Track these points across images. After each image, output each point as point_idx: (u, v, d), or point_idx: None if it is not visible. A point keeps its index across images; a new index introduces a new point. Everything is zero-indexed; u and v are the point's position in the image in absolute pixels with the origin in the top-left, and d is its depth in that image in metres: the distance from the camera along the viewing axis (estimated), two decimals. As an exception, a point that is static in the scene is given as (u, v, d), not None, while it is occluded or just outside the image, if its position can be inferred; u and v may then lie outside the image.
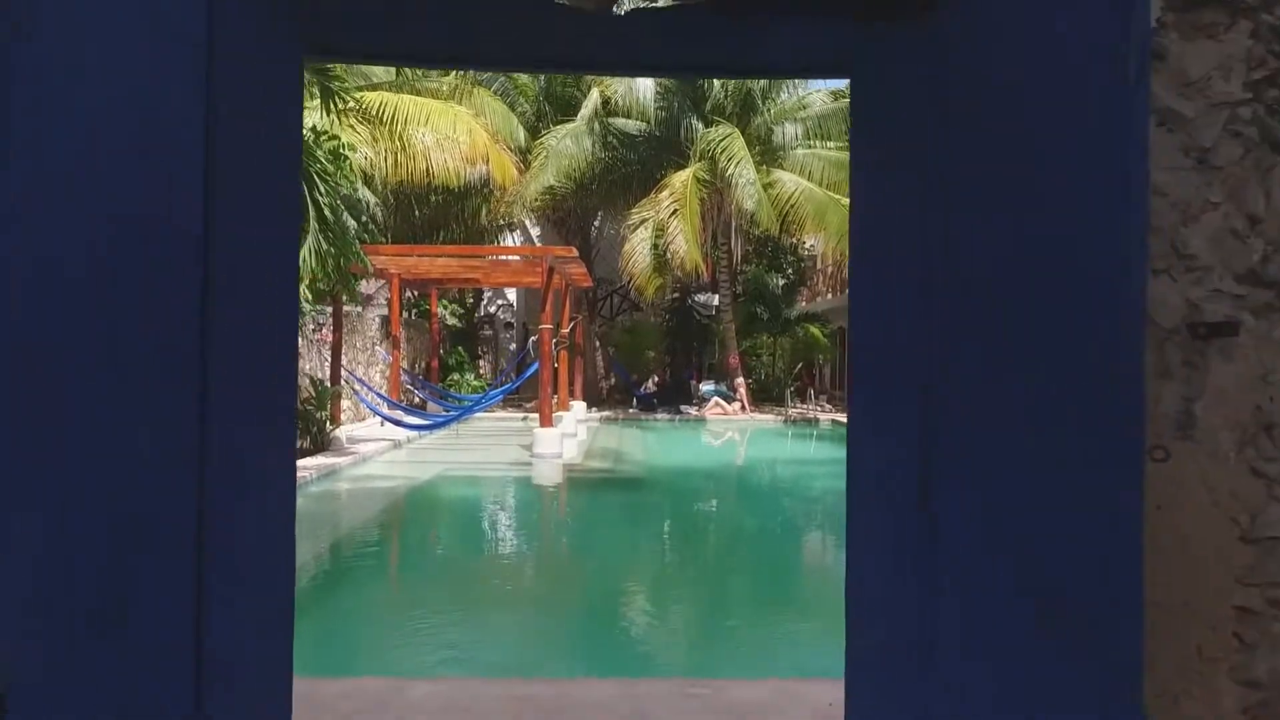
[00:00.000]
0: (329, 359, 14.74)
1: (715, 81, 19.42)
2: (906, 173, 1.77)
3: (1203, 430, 1.78)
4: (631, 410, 21.08)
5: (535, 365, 15.27)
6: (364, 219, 12.19)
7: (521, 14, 1.87)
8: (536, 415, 15.01)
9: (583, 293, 20.44)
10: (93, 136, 1.30)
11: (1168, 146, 1.79)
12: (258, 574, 1.64)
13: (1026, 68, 1.52)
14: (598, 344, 23.65)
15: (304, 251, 9.02)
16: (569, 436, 14.78)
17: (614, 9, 1.94)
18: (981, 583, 1.46)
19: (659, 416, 20.18)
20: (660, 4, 1.92)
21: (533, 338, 16.13)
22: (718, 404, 20.42)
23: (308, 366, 13.98)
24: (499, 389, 17.59)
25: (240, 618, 1.55)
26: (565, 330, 16.61)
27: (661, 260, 18.79)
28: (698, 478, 13.37)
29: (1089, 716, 1.32)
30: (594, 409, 20.48)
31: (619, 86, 19.61)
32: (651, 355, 23.65)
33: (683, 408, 20.73)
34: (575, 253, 15.08)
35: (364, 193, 14.05)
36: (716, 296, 22.11)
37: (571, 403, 17.36)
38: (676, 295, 22.95)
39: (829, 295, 24.48)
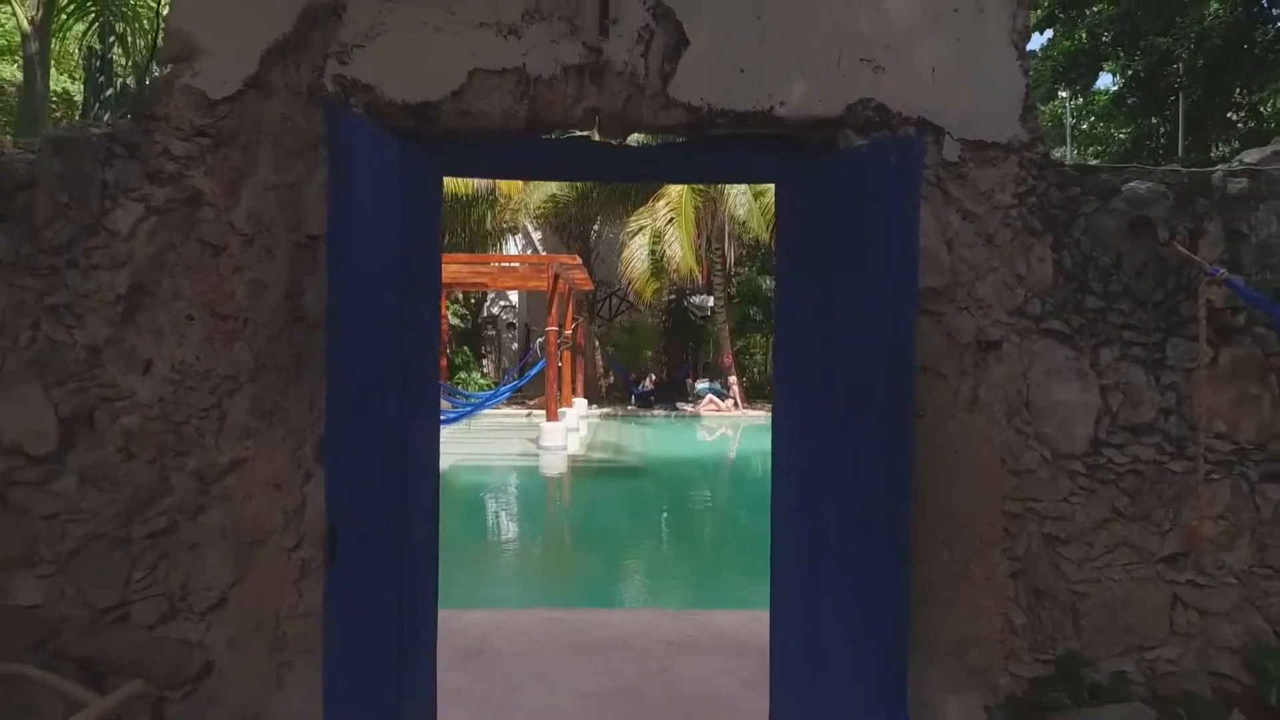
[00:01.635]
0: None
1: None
2: (811, 243, 2.91)
3: (984, 405, 2.93)
4: (630, 407, 22.07)
5: (541, 363, 16.35)
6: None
7: (574, 147, 3.02)
8: (540, 411, 16.04)
9: (582, 295, 21.50)
10: (363, 238, 2.42)
11: (967, 232, 2.94)
12: (423, 511, 2.77)
13: (865, 187, 2.65)
14: (597, 344, 24.69)
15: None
16: (572, 431, 15.88)
17: (625, 143, 3.10)
18: (837, 484, 2.61)
19: (656, 413, 21.20)
20: (655, 143, 3.08)
21: (539, 339, 17.20)
22: (712, 401, 21.48)
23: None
24: (507, 386, 18.63)
25: (418, 523, 2.69)
26: (568, 331, 17.70)
27: (658, 265, 19.88)
28: (691, 467, 14.51)
29: (883, 552, 2.45)
30: (594, 406, 21.50)
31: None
32: (649, 355, 24.67)
33: (679, 405, 21.75)
34: (579, 260, 16.18)
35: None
36: (711, 298, 23.12)
37: (573, 400, 18.46)
38: (673, 297, 23.93)
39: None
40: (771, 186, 16.17)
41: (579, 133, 2.99)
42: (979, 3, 2.92)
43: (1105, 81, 15.14)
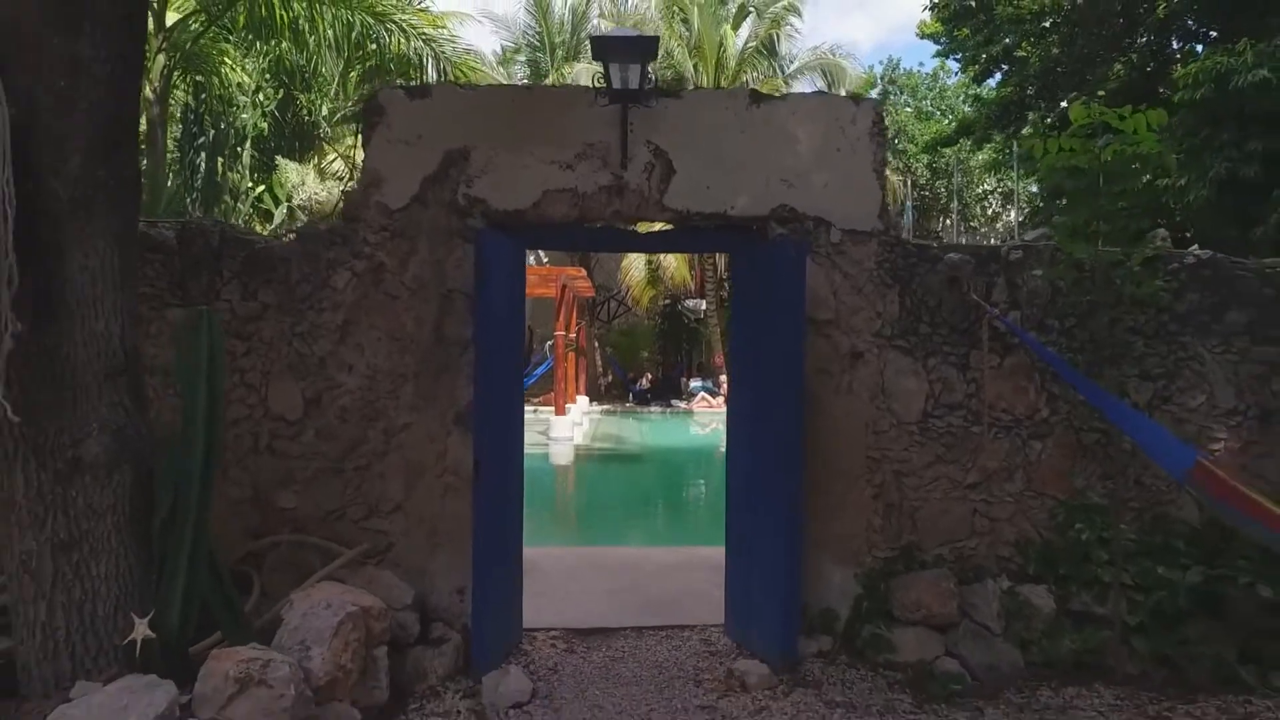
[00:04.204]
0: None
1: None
2: (753, 294, 4.75)
3: (855, 392, 4.78)
4: (628, 404, 23.85)
5: (548, 363, 18.17)
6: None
7: (606, 232, 4.86)
8: (544, 408, 17.88)
9: (584, 299, 23.29)
10: (498, 301, 4.26)
11: (846, 285, 4.79)
12: (517, 459, 4.61)
13: (778, 257, 4.49)
14: (597, 345, 26.48)
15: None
16: (577, 425, 17.74)
17: (636, 230, 4.92)
18: (758, 438, 4.46)
19: (652, 409, 22.99)
20: (658, 228, 4.93)
21: (548, 342, 18.96)
22: (704, 398, 23.29)
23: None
24: (517, 384, 20.42)
25: (515, 465, 4.54)
26: (572, 335, 19.52)
27: (654, 274, 21.76)
28: (684, 455, 16.39)
29: (787, 475, 4.30)
30: (594, 403, 23.29)
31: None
32: (645, 355, 26.43)
33: (673, 401, 23.55)
34: (584, 272, 18.03)
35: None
36: (703, 303, 24.88)
37: (576, 397, 20.29)
38: (668, 302, 25.72)
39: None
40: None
41: (608, 223, 4.84)
42: (853, 147, 4.77)
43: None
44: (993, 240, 25.59)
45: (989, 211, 27.90)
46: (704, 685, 4.26)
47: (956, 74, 20.34)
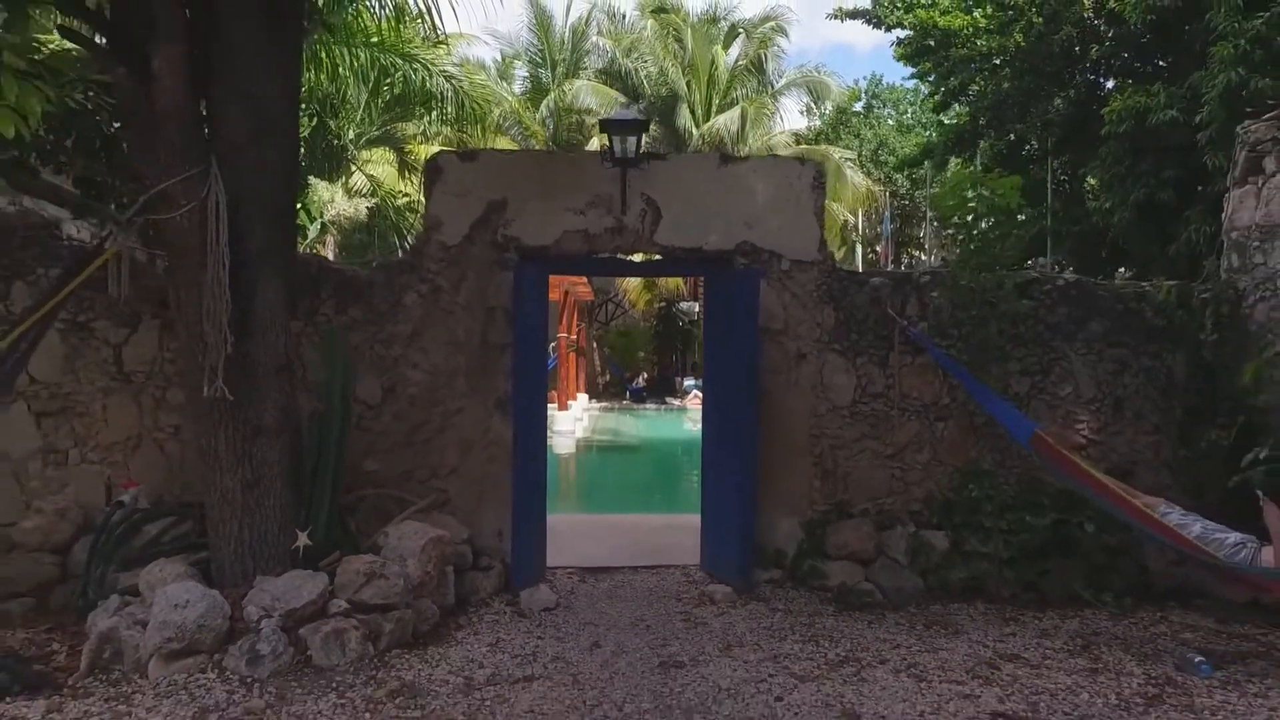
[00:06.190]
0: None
1: (695, 129, 24.02)
2: (721, 309, 6.24)
3: (800, 385, 6.29)
4: (624, 401, 25.33)
5: (551, 362, 19.65)
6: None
7: (609, 260, 6.36)
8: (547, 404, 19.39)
9: (584, 303, 24.71)
10: (529, 314, 5.72)
11: (793, 302, 6.31)
12: (541, 437, 6.09)
13: (740, 281, 5.96)
14: (595, 346, 27.92)
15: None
16: (578, 420, 19.20)
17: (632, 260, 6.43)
18: (723, 421, 5.92)
19: (648, 406, 24.46)
20: (655, 259, 6.41)
21: (551, 343, 20.36)
22: (697, 396, 24.68)
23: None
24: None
25: (540, 440, 6.03)
26: (573, 337, 20.98)
27: (650, 280, 23.20)
28: (677, 447, 17.83)
29: (745, 447, 5.76)
30: (593, 400, 24.74)
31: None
32: (642, 355, 27.93)
33: (668, 399, 25.04)
34: (585, 278, 19.49)
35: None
36: (697, 305, 26.29)
37: (576, 394, 21.74)
38: (663, 305, 27.18)
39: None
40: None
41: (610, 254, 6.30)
42: (799, 198, 6.24)
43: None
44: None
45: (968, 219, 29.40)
46: (683, 600, 5.74)
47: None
